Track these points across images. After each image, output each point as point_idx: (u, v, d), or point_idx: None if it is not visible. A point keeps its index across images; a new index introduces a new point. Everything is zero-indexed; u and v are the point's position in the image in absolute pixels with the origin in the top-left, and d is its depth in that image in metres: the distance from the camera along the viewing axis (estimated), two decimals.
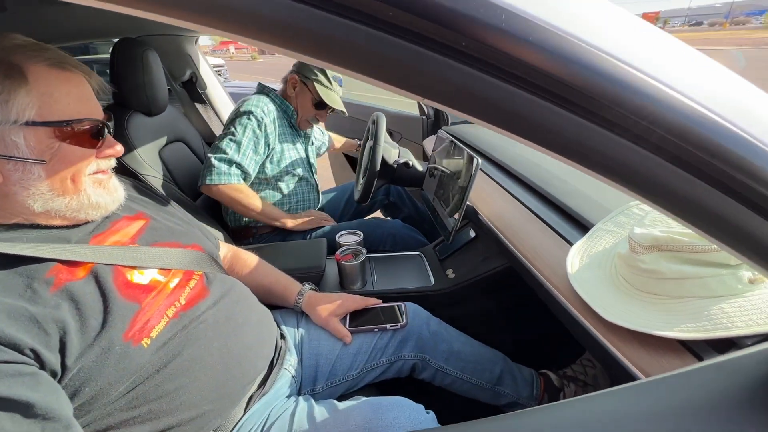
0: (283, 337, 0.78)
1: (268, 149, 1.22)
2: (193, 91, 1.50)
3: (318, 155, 1.52)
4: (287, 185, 1.30)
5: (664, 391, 0.39)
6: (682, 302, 0.49)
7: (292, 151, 1.30)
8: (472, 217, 1.01)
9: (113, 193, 0.58)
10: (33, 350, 0.43)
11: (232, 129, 1.15)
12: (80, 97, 0.53)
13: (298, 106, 1.29)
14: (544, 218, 0.80)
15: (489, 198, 0.97)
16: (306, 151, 1.37)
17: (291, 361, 0.74)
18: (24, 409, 0.40)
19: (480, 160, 0.84)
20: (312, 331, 0.82)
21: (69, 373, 0.46)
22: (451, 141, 1.08)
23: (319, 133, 1.54)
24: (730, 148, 0.27)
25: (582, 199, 0.80)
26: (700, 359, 0.45)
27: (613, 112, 0.26)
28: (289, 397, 0.68)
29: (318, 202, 1.42)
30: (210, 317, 0.60)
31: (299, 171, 1.32)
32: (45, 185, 0.51)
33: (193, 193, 1.21)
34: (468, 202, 0.92)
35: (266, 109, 1.19)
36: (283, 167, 1.27)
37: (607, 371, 0.65)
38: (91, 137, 0.53)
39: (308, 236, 1.28)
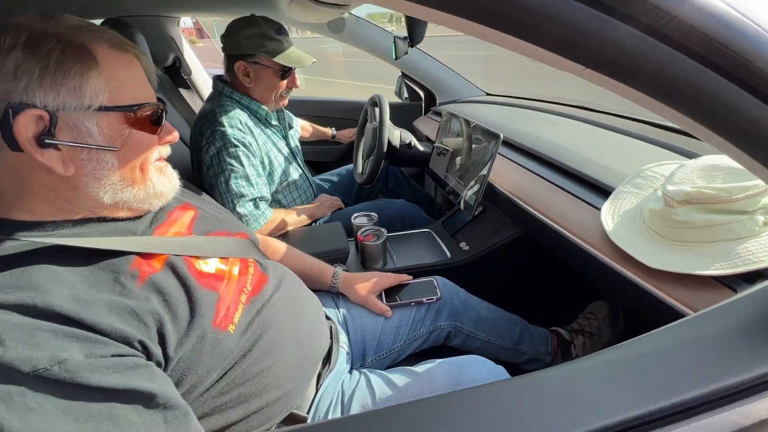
0: (328, 317, 0.80)
1: (263, 165, 1.15)
2: (176, 76, 1.41)
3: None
4: (284, 191, 1.26)
5: (712, 321, 0.47)
6: (711, 246, 0.58)
7: (278, 155, 1.22)
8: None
9: (173, 180, 0.57)
10: (141, 343, 0.42)
11: (230, 164, 1.04)
12: (141, 79, 0.51)
13: (264, 91, 1.15)
14: (563, 186, 0.87)
15: (503, 172, 1.02)
16: (288, 145, 1.30)
17: (343, 339, 0.76)
18: (147, 400, 0.39)
19: (501, 135, 0.88)
20: (353, 310, 0.85)
21: (171, 363, 0.45)
22: (461, 119, 1.11)
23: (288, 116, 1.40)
24: None
25: (595, 166, 0.87)
26: (735, 291, 0.53)
27: None
28: (350, 372, 0.71)
29: (313, 191, 1.39)
30: (277, 300, 0.61)
31: (290, 170, 1.27)
32: (116, 175, 0.48)
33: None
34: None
35: (240, 124, 1.08)
36: (277, 179, 1.21)
37: (639, 312, 0.73)
38: (153, 123, 0.51)
39: (315, 222, 1.28)
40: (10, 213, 0.46)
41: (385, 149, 1.21)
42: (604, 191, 0.80)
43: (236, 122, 1.07)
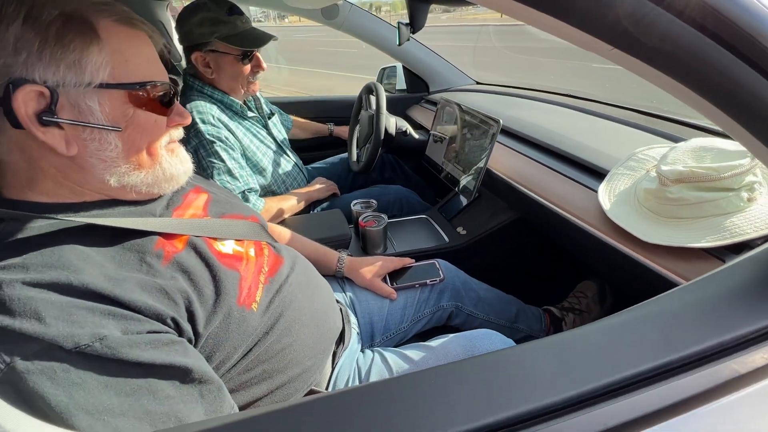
0: (337, 301, 0.81)
1: (246, 157, 1.13)
2: (165, 63, 1.36)
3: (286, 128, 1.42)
4: (277, 182, 1.24)
5: (706, 287, 0.51)
6: (701, 221, 0.62)
7: (261, 146, 1.19)
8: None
9: (185, 162, 0.55)
10: (173, 320, 0.43)
11: (210, 161, 1.02)
12: (150, 57, 0.49)
13: (229, 80, 1.09)
14: (558, 170, 0.91)
15: (499, 157, 1.05)
16: (271, 134, 1.27)
17: (353, 320, 0.78)
18: (183, 374, 0.40)
19: (501, 121, 0.91)
20: (359, 293, 0.87)
21: (201, 340, 0.46)
22: (458, 106, 1.14)
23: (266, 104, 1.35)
24: None
25: (587, 150, 0.91)
26: (723, 261, 0.58)
27: None
28: (362, 351, 0.73)
29: (306, 180, 1.38)
30: (293, 280, 0.62)
31: (279, 160, 1.25)
32: (121, 157, 0.47)
33: None
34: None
35: (213, 119, 1.04)
36: (267, 170, 1.18)
37: (632, 286, 0.78)
38: (162, 103, 0.49)
39: (313, 209, 1.28)
40: (26, 195, 0.45)
41: (382, 137, 1.22)
42: (597, 173, 0.85)
43: (209, 117, 1.04)
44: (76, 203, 0.47)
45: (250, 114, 1.19)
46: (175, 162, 0.53)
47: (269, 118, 1.29)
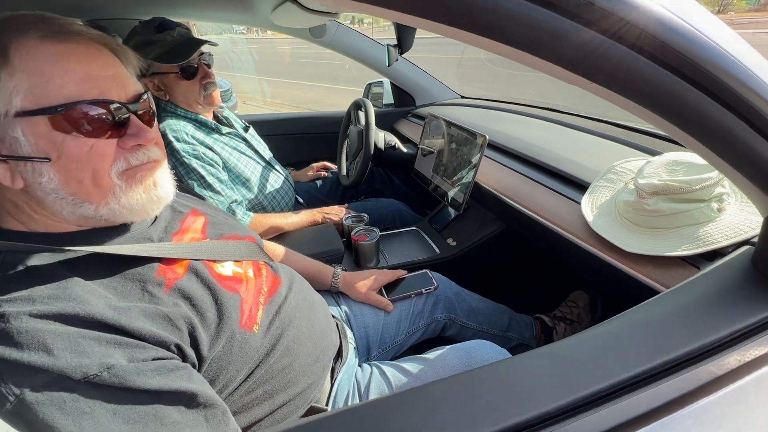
0: (333, 316, 0.82)
1: (228, 170, 1.13)
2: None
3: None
4: (266, 195, 1.24)
5: (683, 295, 0.54)
6: (676, 231, 0.66)
7: (242, 157, 1.19)
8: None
9: (151, 190, 0.48)
10: (177, 346, 0.43)
11: (189, 181, 1.02)
12: (86, 74, 0.42)
13: (183, 99, 1.08)
14: (542, 182, 0.95)
15: (486, 170, 1.09)
16: (251, 146, 1.27)
17: (350, 334, 0.79)
18: (189, 399, 0.41)
19: (487, 136, 0.95)
20: (354, 308, 0.88)
21: (204, 364, 0.47)
22: (445, 121, 1.17)
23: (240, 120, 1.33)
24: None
25: (569, 163, 0.96)
26: (698, 269, 0.62)
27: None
28: (360, 366, 0.74)
29: (293, 190, 1.39)
30: (292, 300, 0.63)
31: (265, 172, 1.25)
32: (62, 189, 0.43)
33: None
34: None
35: (187, 137, 1.04)
36: (253, 184, 1.18)
37: (617, 294, 0.81)
38: (107, 124, 0.43)
39: None
40: (10, 224, 0.45)
41: (372, 152, 1.25)
42: (578, 185, 0.89)
43: (182, 135, 1.04)
44: (68, 233, 0.46)
45: (225, 130, 1.20)
46: (135, 192, 0.47)
47: (245, 131, 1.29)
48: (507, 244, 1.16)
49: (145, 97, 0.48)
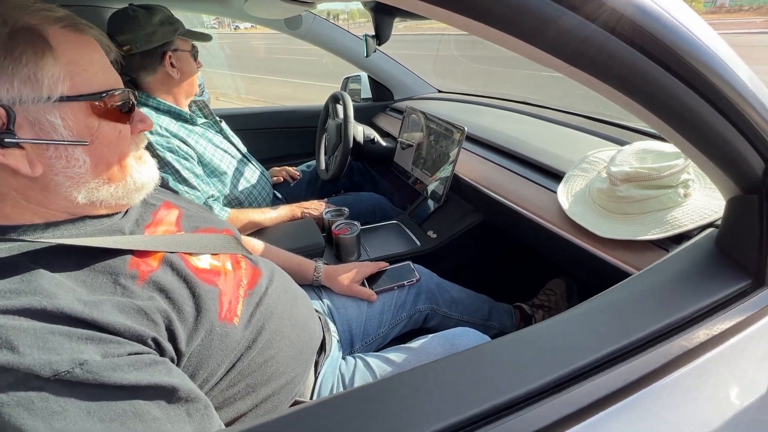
0: (315, 310, 0.81)
1: (203, 164, 1.10)
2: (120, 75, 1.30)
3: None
4: (242, 189, 1.21)
5: (652, 276, 0.57)
6: (646, 216, 0.69)
7: (217, 151, 1.16)
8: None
9: (152, 167, 0.54)
10: (154, 340, 0.42)
11: (164, 173, 0.99)
12: (104, 64, 0.46)
13: (183, 86, 1.10)
14: (520, 173, 0.97)
15: (465, 162, 1.10)
16: (227, 138, 1.25)
17: (332, 328, 0.78)
18: (168, 394, 0.40)
19: (466, 129, 0.96)
20: (336, 301, 0.87)
21: (184, 359, 0.45)
22: (423, 114, 1.18)
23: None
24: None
25: (544, 154, 0.98)
26: (667, 251, 0.65)
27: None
28: (344, 358, 0.74)
29: (270, 185, 1.36)
30: (273, 292, 0.62)
31: (240, 167, 1.22)
32: (90, 172, 0.45)
33: None
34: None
35: (161, 129, 1.02)
36: (228, 178, 1.16)
37: (592, 279, 0.84)
38: (123, 111, 0.47)
39: None
40: None
41: (351, 145, 1.24)
42: (554, 175, 0.91)
43: (156, 128, 1.02)
44: (39, 224, 0.44)
45: (200, 121, 1.17)
46: (144, 170, 0.52)
47: (221, 122, 1.27)
48: (486, 235, 1.18)
49: None
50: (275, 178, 1.49)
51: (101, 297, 0.41)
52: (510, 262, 1.28)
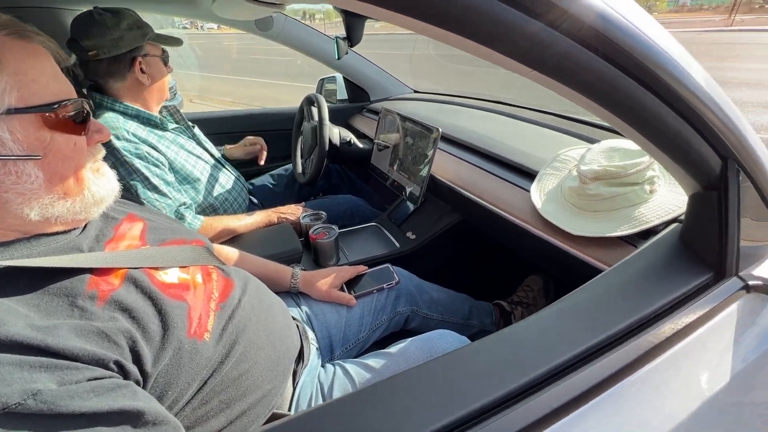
0: (293, 318, 0.80)
1: (174, 171, 1.06)
2: (77, 80, 1.24)
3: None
4: (217, 196, 1.17)
5: (620, 272, 0.58)
6: (615, 212, 0.71)
7: (190, 157, 1.12)
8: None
9: (112, 180, 0.52)
10: (117, 363, 0.39)
11: (133, 180, 0.95)
12: (54, 73, 0.45)
13: (154, 92, 1.06)
14: (494, 173, 0.98)
15: (441, 163, 1.11)
16: (200, 144, 1.21)
17: (311, 335, 0.77)
18: (135, 419, 0.38)
19: (440, 129, 0.96)
20: (315, 307, 0.86)
21: (150, 380, 0.43)
22: (399, 116, 1.17)
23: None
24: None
25: (519, 153, 1.00)
26: (636, 247, 0.67)
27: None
28: (323, 366, 0.72)
29: (246, 190, 1.32)
30: (246, 303, 0.60)
31: (214, 172, 1.18)
32: (44, 188, 0.43)
33: None
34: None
35: (129, 134, 0.98)
36: (202, 184, 1.12)
37: (567, 276, 0.86)
38: (77, 122, 0.45)
39: None
40: None
41: (327, 148, 1.22)
42: (527, 174, 0.93)
43: (122, 133, 0.97)
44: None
45: (171, 126, 1.13)
46: (102, 183, 0.50)
47: (194, 127, 1.23)
48: (465, 235, 1.19)
49: None
50: (247, 147, 1.42)
51: (56, 321, 0.39)
52: (488, 260, 1.29)
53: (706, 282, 0.54)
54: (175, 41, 1.13)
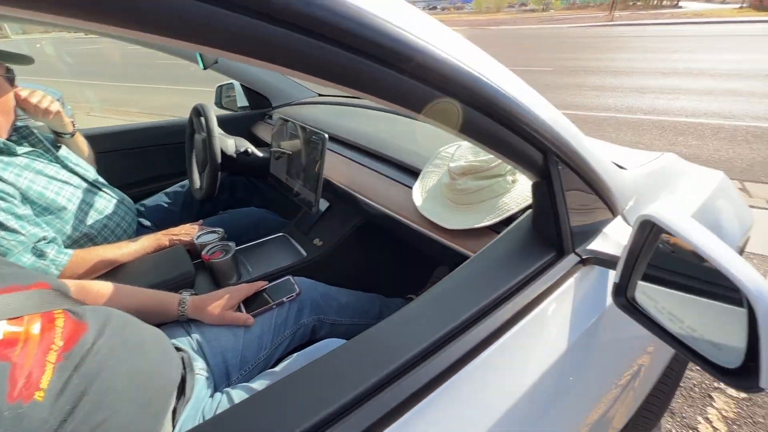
0: (178, 349, 0.74)
1: (30, 201, 0.93)
2: None
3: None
4: (92, 224, 1.04)
5: (486, 256, 0.63)
6: (483, 204, 0.77)
7: (54, 182, 0.99)
8: (325, 187, 1.13)
9: None
10: None
11: None
12: None
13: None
14: (386, 174, 1.00)
15: (338, 167, 1.11)
16: (67, 167, 1.06)
17: (199, 366, 0.72)
18: None
19: (327, 135, 0.96)
20: (207, 333, 0.81)
21: None
22: (291, 123, 1.15)
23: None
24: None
25: (407, 153, 1.03)
26: (499, 233, 0.73)
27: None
28: (212, 396, 0.68)
29: (132, 213, 1.20)
30: (103, 347, 0.54)
31: (89, 197, 1.06)
32: None
33: None
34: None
35: None
36: (71, 213, 0.99)
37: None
38: None
39: None
40: None
41: (219, 160, 1.16)
42: (416, 173, 0.96)
43: None
44: None
45: (22, 150, 0.97)
46: None
47: (57, 149, 1.07)
48: (371, 235, 1.21)
49: None
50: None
51: None
52: (399, 257, 1.33)
53: (550, 261, 0.61)
54: (23, 59, 0.99)
